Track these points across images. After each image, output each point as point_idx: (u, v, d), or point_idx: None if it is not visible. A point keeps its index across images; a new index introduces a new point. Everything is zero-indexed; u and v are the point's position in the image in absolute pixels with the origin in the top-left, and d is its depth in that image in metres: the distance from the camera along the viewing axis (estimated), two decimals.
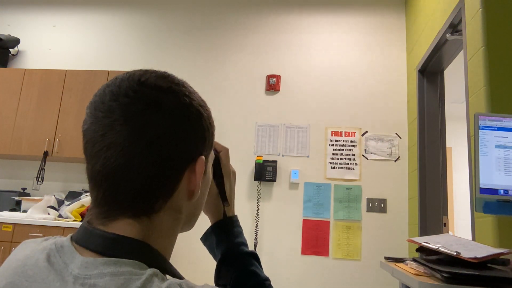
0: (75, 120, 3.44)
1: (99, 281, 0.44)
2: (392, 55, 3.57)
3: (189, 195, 0.54)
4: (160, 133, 0.50)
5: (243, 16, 3.85)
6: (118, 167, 0.49)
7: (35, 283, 0.47)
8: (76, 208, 3.16)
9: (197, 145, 0.54)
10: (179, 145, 0.51)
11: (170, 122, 0.51)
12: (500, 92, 1.89)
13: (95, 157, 0.51)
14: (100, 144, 0.50)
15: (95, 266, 0.46)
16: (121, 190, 0.49)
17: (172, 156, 0.51)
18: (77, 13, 4.12)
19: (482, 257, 1.18)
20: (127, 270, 0.45)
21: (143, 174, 0.49)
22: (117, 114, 0.51)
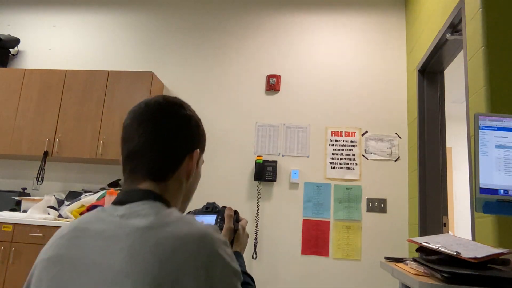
0: (75, 120, 3.44)
1: (140, 211, 0.71)
2: (392, 55, 3.57)
3: (187, 175, 0.83)
4: (172, 131, 0.80)
5: (243, 16, 3.85)
6: (144, 149, 0.78)
7: (92, 223, 0.71)
8: (76, 208, 3.15)
9: (194, 142, 0.84)
10: (183, 140, 0.81)
11: (179, 126, 0.81)
12: (500, 92, 1.89)
13: (130, 141, 0.79)
14: (134, 133, 0.79)
15: (135, 206, 0.73)
16: (146, 163, 0.78)
17: (179, 146, 0.81)
18: (77, 13, 4.12)
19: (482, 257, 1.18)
20: (158, 205, 0.73)
21: (160, 155, 0.78)
22: (148, 117, 0.80)
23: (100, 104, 3.45)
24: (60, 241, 0.71)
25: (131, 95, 3.43)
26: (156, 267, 0.62)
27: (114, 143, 3.35)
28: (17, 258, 2.94)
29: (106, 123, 3.40)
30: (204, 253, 0.66)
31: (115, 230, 0.68)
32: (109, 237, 0.67)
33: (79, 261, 0.66)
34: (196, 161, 0.84)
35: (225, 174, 3.50)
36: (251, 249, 3.32)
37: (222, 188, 3.47)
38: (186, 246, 0.65)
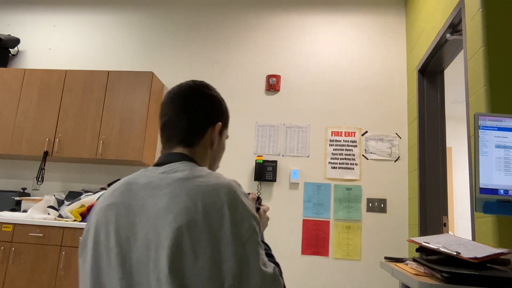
0: (75, 120, 3.44)
1: (177, 168, 0.90)
2: (392, 55, 3.57)
3: (211, 143, 1.02)
4: (197, 106, 0.99)
5: (243, 16, 3.85)
6: (175, 120, 0.98)
7: (139, 178, 0.90)
8: (76, 208, 3.15)
9: (216, 116, 1.03)
10: (207, 114, 1.01)
11: (203, 102, 1.01)
12: (500, 92, 1.89)
13: (164, 115, 1.00)
14: (168, 108, 1.00)
15: (172, 165, 0.91)
16: (177, 132, 0.98)
17: (203, 119, 1.00)
18: (77, 13, 4.12)
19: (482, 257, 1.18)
20: (191, 164, 0.93)
21: (187, 125, 0.98)
22: (179, 95, 1.00)
23: (100, 104, 3.45)
24: (115, 193, 0.90)
25: (131, 95, 3.43)
26: (191, 205, 0.81)
27: (114, 143, 3.35)
28: (17, 258, 2.94)
29: (106, 123, 3.40)
30: (229, 197, 0.83)
31: (158, 182, 0.88)
32: (154, 187, 0.87)
33: (131, 205, 0.86)
34: (218, 131, 1.03)
35: (225, 174, 3.50)
36: None
37: None
38: (214, 192, 0.83)
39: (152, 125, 3.52)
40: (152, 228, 0.82)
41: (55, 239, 2.94)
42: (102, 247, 0.85)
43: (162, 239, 0.80)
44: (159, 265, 0.78)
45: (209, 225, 0.80)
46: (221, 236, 0.80)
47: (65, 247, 2.92)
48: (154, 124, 3.55)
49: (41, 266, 2.91)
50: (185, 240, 0.78)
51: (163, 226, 0.81)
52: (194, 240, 0.79)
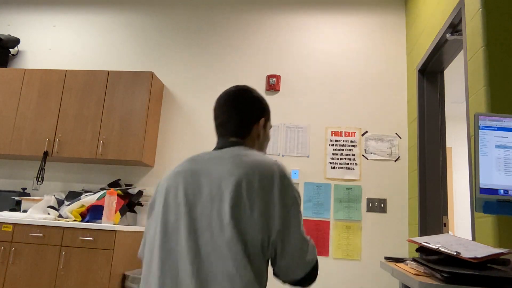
0: (75, 120, 3.44)
1: (236, 148, 1.13)
2: (392, 55, 3.57)
3: (257, 136, 1.24)
4: (243, 108, 1.20)
5: (243, 16, 3.85)
6: (226, 122, 1.20)
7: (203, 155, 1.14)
8: (76, 208, 3.15)
9: (259, 114, 1.24)
10: (251, 113, 1.22)
11: (247, 104, 1.22)
12: (500, 92, 1.89)
13: (218, 118, 1.22)
14: (219, 112, 1.22)
15: (229, 149, 1.13)
16: (228, 131, 1.20)
17: (248, 118, 1.21)
18: (77, 13, 4.12)
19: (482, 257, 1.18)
20: (244, 147, 1.16)
21: (236, 124, 1.19)
22: (226, 101, 1.21)
23: (100, 104, 3.45)
24: (182, 164, 1.15)
25: (131, 95, 3.43)
26: (250, 172, 1.03)
27: (114, 143, 3.35)
28: (17, 258, 2.94)
29: (106, 123, 3.39)
30: (279, 173, 1.06)
31: (221, 155, 1.11)
32: (217, 158, 1.11)
33: (197, 170, 1.09)
34: (262, 126, 1.25)
35: None
36: None
37: None
38: (268, 166, 1.06)
39: (152, 125, 3.52)
40: (215, 186, 1.04)
41: (55, 239, 2.94)
42: (172, 202, 1.07)
43: (225, 194, 1.01)
44: (222, 213, 0.99)
45: (262, 189, 1.01)
46: (271, 199, 1.01)
47: (65, 247, 2.92)
48: (154, 124, 3.55)
49: (41, 266, 2.91)
50: (244, 197, 1.00)
51: (226, 184, 1.02)
52: (250, 198, 1.00)
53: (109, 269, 2.84)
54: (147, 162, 3.43)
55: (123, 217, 3.24)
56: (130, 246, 3.15)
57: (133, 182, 3.60)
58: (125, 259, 3.07)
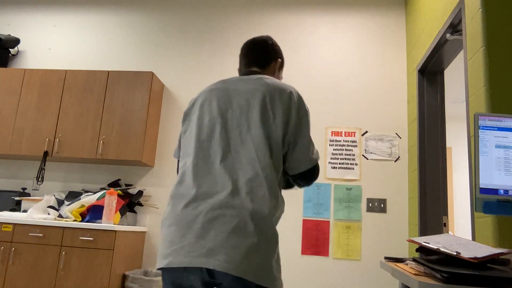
0: (75, 120, 3.44)
1: (259, 75, 1.40)
2: (392, 55, 3.57)
3: (273, 72, 1.53)
4: (263, 49, 1.52)
5: (243, 17, 3.85)
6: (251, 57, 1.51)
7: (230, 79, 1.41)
8: (76, 208, 3.15)
9: (277, 55, 1.55)
10: (270, 53, 1.53)
11: (267, 47, 1.53)
12: (500, 92, 1.89)
13: (246, 53, 1.53)
14: (246, 52, 1.54)
15: (255, 75, 1.41)
16: (252, 62, 1.50)
17: (267, 56, 1.52)
18: (77, 13, 4.12)
19: (482, 257, 1.18)
20: (264, 75, 1.42)
21: (258, 58, 1.51)
22: (251, 45, 1.54)
23: (100, 104, 3.45)
24: (214, 83, 1.41)
25: (131, 95, 3.43)
26: (272, 89, 1.32)
27: (114, 143, 3.35)
28: (17, 258, 2.95)
29: (106, 123, 3.40)
30: (295, 93, 1.35)
31: (246, 79, 1.37)
32: (244, 80, 1.37)
33: (228, 88, 1.36)
34: (278, 65, 1.56)
35: None
36: None
37: None
38: (286, 87, 1.35)
39: (152, 125, 3.52)
40: (244, 99, 1.31)
41: (55, 239, 2.94)
42: (206, 110, 1.33)
43: (253, 104, 1.29)
44: (250, 118, 1.27)
45: (282, 102, 1.30)
46: (289, 109, 1.30)
47: (65, 247, 2.92)
48: (154, 124, 3.56)
49: (41, 266, 2.91)
50: (268, 107, 1.28)
51: (254, 97, 1.30)
52: (273, 108, 1.28)
53: (109, 269, 2.84)
54: (147, 162, 3.43)
55: (123, 217, 3.24)
56: (130, 246, 3.15)
57: (133, 182, 3.60)
58: (125, 259, 3.07)
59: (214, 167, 1.22)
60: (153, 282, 2.94)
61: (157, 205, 3.52)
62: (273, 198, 1.17)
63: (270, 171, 1.20)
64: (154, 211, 3.50)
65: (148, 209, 3.51)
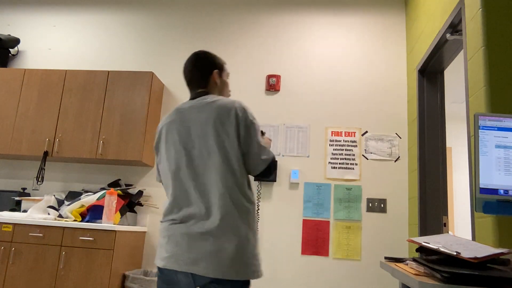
0: (75, 120, 3.44)
1: (206, 97, 1.56)
2: (392, 55, 3.57)
3: (215, 84, 1.64)
4: (199, 67, 1.62)
5: (243, 16, 3.85)
6: (191, 78, 1.63)
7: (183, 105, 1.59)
8: (76, 208, 3.15)
9: (213, 66, 1.64)
10: (204, 69, 1.62)
11: (203, 61, 1.64)
12: (500, 92, 1.89)
13: (187, 76, 1.64)
14: (186, 72, 1.65)
15: (200, 98, 1.56)
16: (194, 84, 1.62)
17: (203, 73, 1.62)
18: (77, 13, 4.12)
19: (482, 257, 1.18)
20: (211, 94, 1.62)
21: (198, 78, 1.62)
22: (189, 63, 1.64)
23: (100, 104, 3.45)
24: (171, 115, 1.58)
25: (131, 95, 3.43)
26: (220, 112, 1.48)
27: (114, 143, 3.35)
28: (17, 258, 2.95)
29: (106, 123, 3.40)
30: (238, 107, 1.51)
31: (198, 105, 1.54)
32: (196, 107, 1.53)
33: (185, 119, 1.53)
34: (216, 76, 1.64)
35: None
36: None
37: None
38: (230, 104, 1.51)
39: (152, 125, 3.52)
40: (200, 129, 1.49)
41: (55, 239, 2.94)
42: (171, 143, 1.53)
43: (208, 132, 1.47)
44: (209, 146, 1.46)
45: (230, 121, 1.47)
46: (237, 125, 1.48)
47: (65, 247, 2.92)
48: (154, 124, 3.55)
49: (41, 266, 2.91)
50: (220, 131, 1.47)
51: (207, 125, 1.48)
52: (225, 130, 1.47)
53: (109, 269, 2.84)
54: (147, 162, 3.43)
55: (123, 217, 3.24)
56: (130, 246, 3.15)
57: (133, 182, 3.60)
58: (125, 259, 3.07)
59: (190, 194, 1.47)
60: (153, 282, 2.94)
61: (157, 205, 3.52)
62: (239, 209, 1.44)
63: (233, 188, 1.44)
64: (154, 211, 3.50)
65: (148, 209, 3.51)
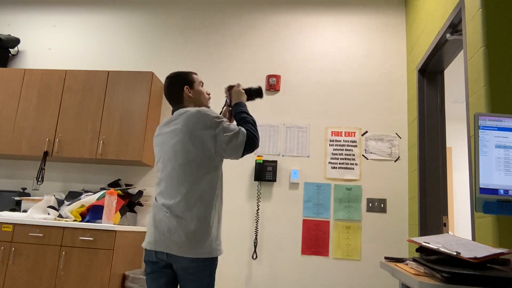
0: (75, 120, 3.44)
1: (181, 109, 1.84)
2: (392, 55, 3.58)
3: (189, 98, 1.92)
4: (172, 85, 1.94)
5: (243, 16, 3.85)
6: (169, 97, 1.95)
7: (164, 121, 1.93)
8: (76, 208, 3.15)
9: (183, 83, 1.93)
10: (177, 86, 1.93)
11: (173, 81, 1.95)
12: (500, 92, 1.89)
13: (166, 96, 1.96)
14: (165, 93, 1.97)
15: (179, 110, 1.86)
16: (173, 102, 1.93)
17: (176, 90, 1.92)
18: (77, 13, 4.12)
19: (482, 257, 1.18)
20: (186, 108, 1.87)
21: (174, 97, 1.93)
22: (165, 84, 1.97)
23: (100, 104, 3.45)
24: (158, 129, 1.92)
25: (131, 95, 3.43)
26: (186, 121, 1.75)
27: (114, 143, 3.35)
28: (17, 258, 2.95)
29: (106, 123, 3.40)
30: (199, 113, 1.76)
31: (169, 122, 1.84)
32: (170, 121, 1.85)
33: (161, 134, 1.87)
34: (188, 90, 1.91)
35: (225, 174, 3.50)
36: (251, 249, 3.32)
37: None
38: (192, 113, 1.76)
39: (152, 125, 3.52)
40: (170, 139, 1.81)
41: (55, 239, 2.94)
42: (157, 154, 1.89)
43: (176, 143, 1.78)
44: (177, 155, 1.77)
45: (195, 128, 1.75)
46: (203, 129, 1.75)
47: (65, 247, 2.92)
48: (154, 124, 3.55)
49: (41, 266, 2.91)
50: (186, 139, 1.75)
51: (176, 136, 1.78)
52: (191, 138, 1.75)
53: (109, 269, 2.84)
54: (147, 162, 3.43)
55: (123, 217, 3.24)
56: (130, 246, 3.15)
57: (133, 182, 3.60)
58: (125, 259, 3.07)
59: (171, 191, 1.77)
60: None
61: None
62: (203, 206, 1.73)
63: (192, 192, 1.73)
64: None
65: (148, 209, 3.51)
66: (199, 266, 1.67)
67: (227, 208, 3.44)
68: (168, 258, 1.69)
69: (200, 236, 1.68)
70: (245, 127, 1.81)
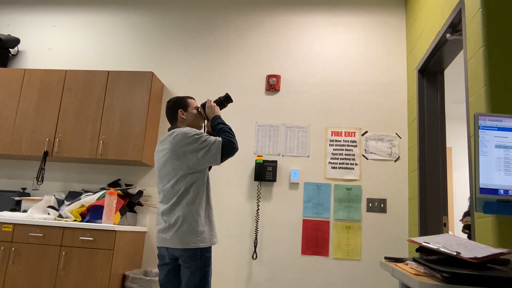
0: (75, 120, 3.44)
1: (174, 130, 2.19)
2: (392, 55, 3.57)
3: (182, 120, 2.28)
4: (169, 110, 2.32)
5: (243, 16, 3.85)
6: (168, 117, 2.33)
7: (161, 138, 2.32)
8: (76, 208, 3.15)
9: (176, 108, 2.29)
10: (172, 110, 2.30)
11: (170, 107, 2.32)
12: (500, 92, 1.89)
13: (166, 117, 2.34)
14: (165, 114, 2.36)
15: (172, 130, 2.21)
16: (169, 120, 2.32)
17: (172, 112, 2.30)
18: (77, 13, 4.12)
19: (482, 257, 1.18)
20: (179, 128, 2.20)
21: (170, 119, 2.31)
22: (166, 108, 2.36)
23: (100, 104, 3.45)
24: (157, 145, 2.27)
25: (131, 95, 3.43)
26: (173, 141, 2.11)
27: (114, 143, 3.35)
28: (17, 258, 2.95)
29: (106, 123, 3.40)
30: (182, 133, 2.10)
31: (166, 137, 2.18)
32: (163, 140, 2.21)
33: (157, 151, 2.25)
34: (181, 113, 2.26)
35: (225, 174, 3.50)
36: (251, 249, 3.32)
37: (222, 188, 3.47)
38: (178, 134, 2.11)
39: (152, 125, 3.52)
40: (162, 159, 2.15)
41: (55, 239, 2.94)
42: (156, 167, 2.23)
43: (165, 160, 2.13)
44: (168, 169, 2.12)
45: (179, 147, 2.08)
46: (186, 147, 2.07)
47: (65, 247, 2.92)
48: (154, 124, 3.55)
49: (41, 266, 2.91)
50: (173, 156, 2.10)
51: (165, 155, 2.13)
52: (177, 156, 2.09)
53: (109, 269, 2.84)
54: (147, 162, 3.43)
55: (123, 217, 3.24)
56: (130, 246, 3.15)
57: (133, 182, 3.60)
58: (125, 259, 3.07)
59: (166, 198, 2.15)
60: (153, 282, 2.94)
61: (156, 205, 3.52)
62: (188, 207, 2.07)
63: (180, 197, 2.08)
64: (154, 211, 3.50)
65: (148, 209, 3.51)
66: (189, 253, 2.03)
67: (227, 208, 3.44)
68: (169, 251, 2.09)
69: (190, 231, 2.05)
70: (222, 136, 2.13)
